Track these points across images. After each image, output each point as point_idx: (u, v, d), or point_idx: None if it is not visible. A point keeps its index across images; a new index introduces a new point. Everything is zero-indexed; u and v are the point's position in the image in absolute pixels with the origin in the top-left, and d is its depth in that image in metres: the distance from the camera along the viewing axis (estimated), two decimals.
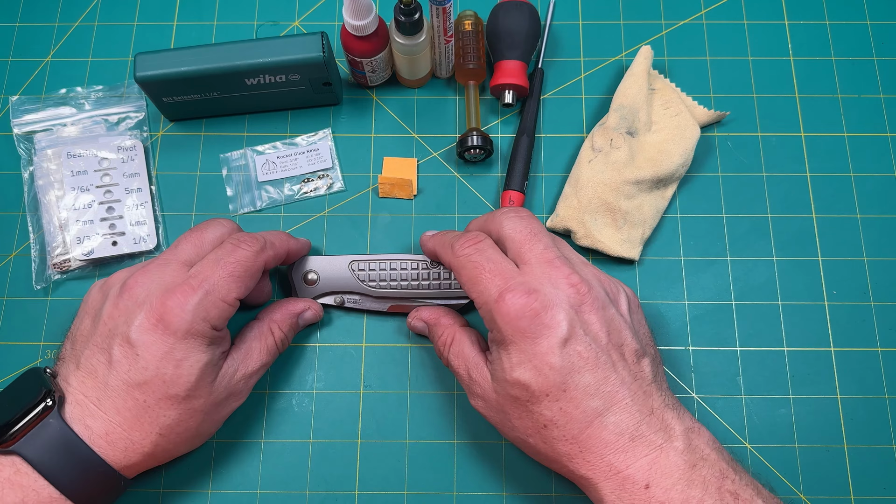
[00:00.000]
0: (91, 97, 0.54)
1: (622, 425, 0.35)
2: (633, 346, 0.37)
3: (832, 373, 0.47)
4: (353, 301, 0.48)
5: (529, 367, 0.35)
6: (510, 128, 0.53)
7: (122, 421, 0.36)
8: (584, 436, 0.35)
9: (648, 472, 0.34)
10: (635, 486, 0.34)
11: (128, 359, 0.36)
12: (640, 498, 0.34)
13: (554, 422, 0.36)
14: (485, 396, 0.39)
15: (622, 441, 0.35)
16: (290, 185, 0.52)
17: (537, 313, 0.35)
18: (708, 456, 0.35)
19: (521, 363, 0.36)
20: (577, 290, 0.37)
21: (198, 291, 0.37)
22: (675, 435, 0.35)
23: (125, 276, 0.40)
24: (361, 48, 0.49)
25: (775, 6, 0.56)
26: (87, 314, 0.40)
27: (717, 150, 0.53)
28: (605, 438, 0.35)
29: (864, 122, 0.53)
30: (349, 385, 0.48)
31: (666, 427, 0.36)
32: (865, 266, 0.50)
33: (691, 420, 0.37)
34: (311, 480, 0.46)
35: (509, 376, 0.36)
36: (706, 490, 0.34)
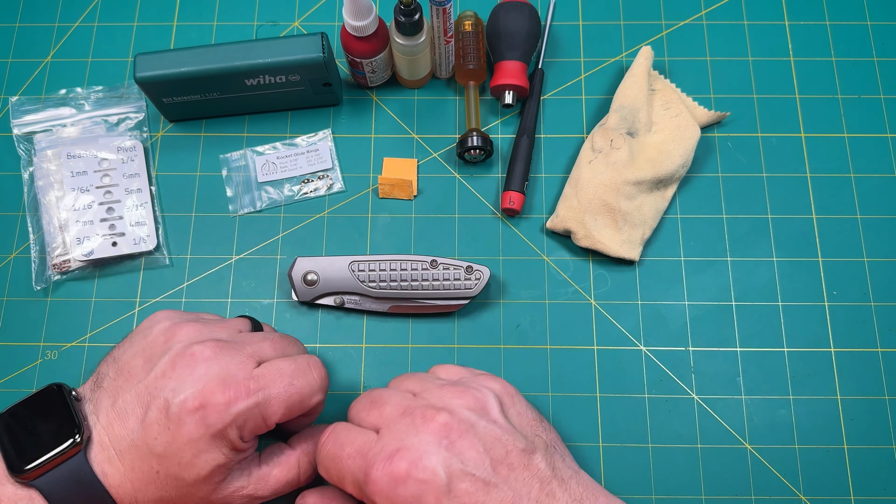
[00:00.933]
0: (91, 98, 0.54)
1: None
2: (517, 448, 0.35)
3: (832, 373, 0.47)
4: (353, 302, 0.48)
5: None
6: (510, 128, 0.53)
7: (134, 479, 0.35)
8: None
9: None
10: None
11: (160, 426, 0.35)
12: None
13: None
14: None
15: None
16: (290, 186, 0.52)
17: (408, 475, 0.32)
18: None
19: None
20: (440, 425, 0.34)
21: (250, 398, 0.36)
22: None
23: (195, 338, 0.38)
24: (361, 49, 0.49)
25: (776, 7, 0.56)
26: (143, 352, 0.38)
27: (718, 150, 0.53)
28: None
29: (865, 122, 0.53)
30: (349, 385, 0.48)
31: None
32: (865, 267, 0.50)
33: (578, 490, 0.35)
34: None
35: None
36: None
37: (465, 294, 0.47)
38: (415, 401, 0.36)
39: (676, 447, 0.46)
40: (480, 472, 0.33)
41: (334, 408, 0.47)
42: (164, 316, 0.40)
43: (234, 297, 0.50)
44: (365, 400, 0.38)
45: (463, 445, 0.34)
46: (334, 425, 0.38)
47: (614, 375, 0.48)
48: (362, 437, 0.35)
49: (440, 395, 0.37)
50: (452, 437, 0.34)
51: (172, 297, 0.50)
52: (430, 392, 0.37)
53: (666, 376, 0.47)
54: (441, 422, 0.34)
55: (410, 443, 0.34)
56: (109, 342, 0.49)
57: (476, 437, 0.34)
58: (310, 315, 0.49)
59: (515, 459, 0.34)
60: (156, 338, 0.38)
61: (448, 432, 0.34)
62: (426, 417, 0.35)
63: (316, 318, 0.49)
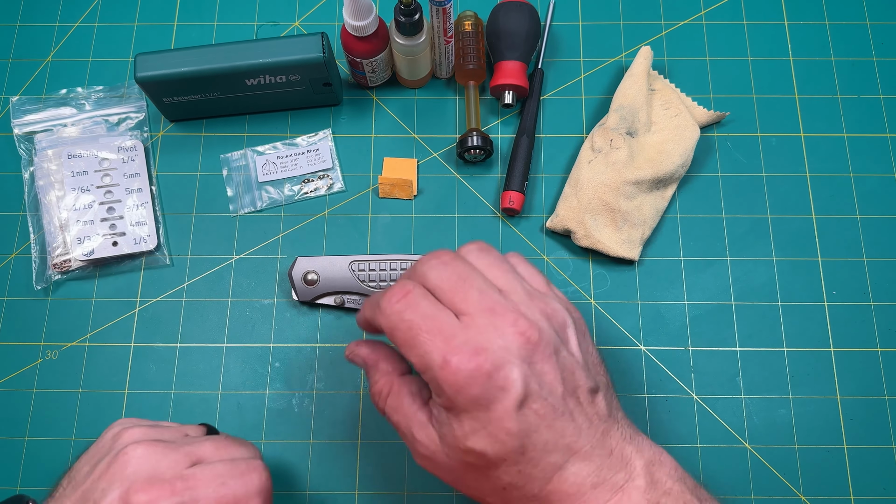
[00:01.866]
0: (91, 97, 0.54)
1: (582, 474, 0.33)
2: (586, 385, 0.35)
3: (832, 373, 0.47)
4: (354, 301, 0.48)
5: (484, 434, 0.32)
6: (510, 128, 0.53)
7: None
8: (545, 492, 0.33)
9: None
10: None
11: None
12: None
13: (513, 484, 0.33)
14: (433, 458, 0.35)
15: (584, 489, 0.33)
16: (290, 186, 0.52)
17: (488, 375, 0.32)
18: (671, 489, 0.34)
19: (474, 431, 0.32)
20: (528, 339, 0.33)
21: (173, 498, 0.34)
22: (637, 472, 0.34)
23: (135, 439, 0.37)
24: (361, 49, 0.49)
25: (775, 7, 0.56)
26: (90, 458, 0.38)
27: (717, 150, 0.53)
28: (566, 490, 0.33)
29: (864, 122, 0.53)
30: (349, 385, 0.48)
31: (626, 464, 0.34)
32: (865, 266, 0.50)
33: (651, 449, 0.35)
34: (311, 480, 0.46)
35: (462, 445, 0.33)
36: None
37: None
38: (503, 300, 0.34)
39: (676, 447, 0.46)
40: (552, 398, 0.33)
41: (336, 406, 0.47)
42: (119, 423, 0.39)
43: (234, 297, 0.50)
44: (446, 269, 0.35)
45: (545, 367, 0.33)
46: (411, 287, 0.34)
47: (614, 375, 0.47)
48: (446, 320, 0.33)
49: (530, 306, 0.35)
50: (537, 357, 0.33)
51: (172, 296, 0.50)
52: (519, 296, 0.35)
53: (666, 376, 0.48)
54: (532, 338, 0.33)
55: (498, 346, 0.32)
56: (109, 342, 0.49)
57: (556, 364, 0.34)
58: (310, 315, 0.49)
59: (582, 394, 0.34)
60: (104, 443, 0.38)
61: (535, 350, 0.33)
62: (517, 327, 0.33)
63: (316, 317, 0.49)
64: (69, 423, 0.47)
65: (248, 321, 0.49)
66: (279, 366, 0.48)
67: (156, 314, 0.50)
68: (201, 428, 0.41)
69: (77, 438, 0.47)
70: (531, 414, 0.32)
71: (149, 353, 0.49)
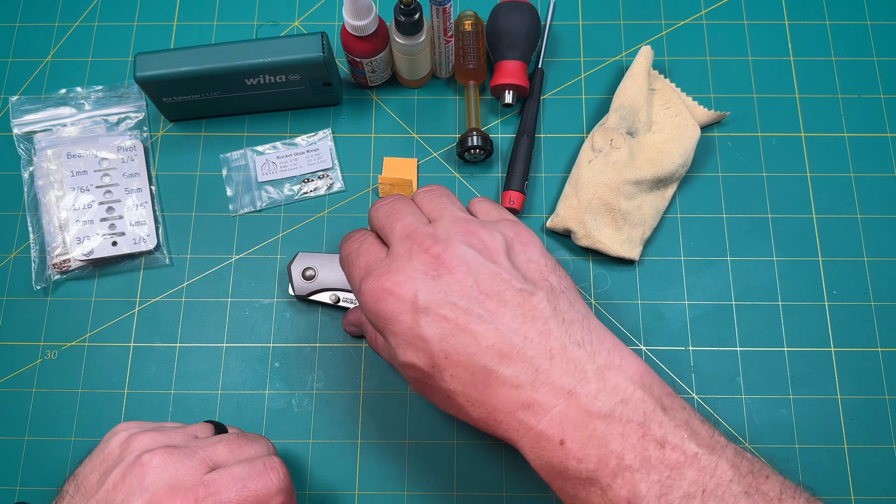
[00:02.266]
0: (91, 97, 0.54)
1: (520, 376, 0.32)
2: (515, 286, 0.34)
3: (832, 373, 0.47)
4: (349, 301, 0.48)
5: (406, 346, 0.34)
6: (510, 128, 0.53)
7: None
8: (485, 396, 0.33)
9: (560, 427, 0.31)
10: (550, 442, 0.31)
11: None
12: (558, 455, 0.31)
13: (453, 390, 0.34)
14: (405, 378, 0.38)
15: (525, 393, 0.32)
16: (290, 186, 0.52)
17: (390, 292, 0.34)
18: (629, 397, 0.31)
19: (398, 346, 0.34)
20: (432, 255, 0.35)
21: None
22: (587, 377, 0.32)
23: (148, 446, 0.37)
24: (361, 48, 0.49)
25: (775, 6, 0.56)
26: (99, 465, 0.37)
27: (717, 150, 0.53)
28: (506, 394, 0.32)
29: (865, 122, 0.53)
30: (349, 385, 0.48)
31: (576, 368, 0.32)
32: (865, 266, 0.50)
33: (609, 354, 0.33)
34: (311, 481, 0.46)
35: (398, 360, 0.35)
36: (625, 442, 0.30)
37: None
38: (424, 226, 0.37)
39: None
40: (464, 302, 0.34)
41: (336, 406, 0.47)
42: (122, 427, 0.39)
43: (233, 297, 0.50)
44: (386, 207, 0.39)
45: (450, 279, 0.34)
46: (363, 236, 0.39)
47: None
48: (375, 253, 0.37)
49: (447, 229, 0.36)
50: (441, 269, 0.34)
51: (172, 296, 0.50)
52: (443, 222, 0.37)
53: (666, 376, 0.47)
54: (434, 253, 0.35)
55: (401, 266, 0.35)
56: (109, 342, 0.49)
57: (468, 273, 0.34)
58: (310, 315, 0.49)
59: (510, 297, 0.34)
60: (112, 450, 0.38)
61: (438, 264, 0.35)
62: (423, 247, 0.35)
63: (316, 317, 0.49)
64: (69, 423, 0.47)
65: (248, 321, 0.49)
66: (279, 366, 0.48)
67: (155, 314, 0.50)
68: (208, 427, 0.41)
69: (77, 438, 0.47)
70: (440, 319, 0.33)
71: (148, 353, 0.49)
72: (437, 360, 0.34)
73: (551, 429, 0.31)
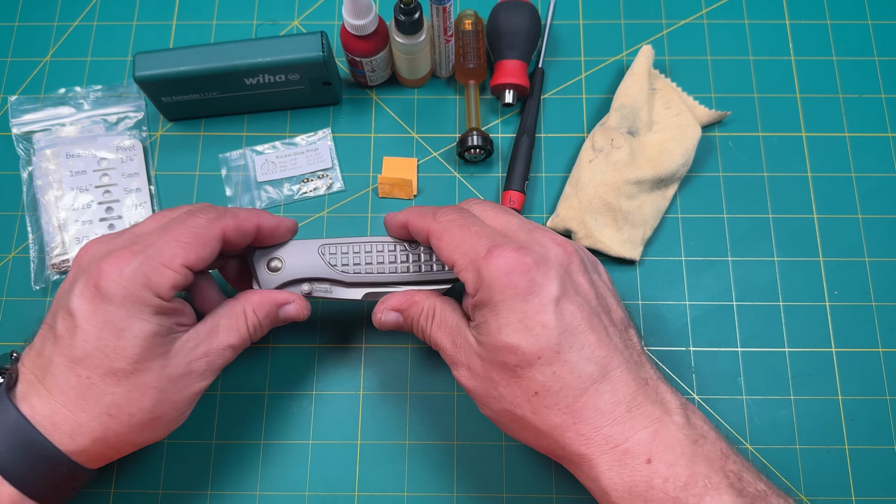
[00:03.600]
0: (90, 97, 0.54)
1: (619, 394, 0.32)
2: (619, 313, 0.36)
3: (833, 374, 0.47)
4: (323, 290, 0.42)
5: (520, 327, 0.32)
6: (510, 128, 0.53)
7: (66, 401, 0.33)
8: (578, 404, 0.32)
9: (650, 446, 0.31)
10: (636, 460, 0.31)
11: (69, 331, 0.34)
12: (642, 474, 0.31)
13: (546, 388, 0.33)
14: (469, 364, 0.36)
15: (619, 411, 0.32)
16: (289, 185, 0.52)
17: (529, 268, 0.33)
18: (707, 434, 0.33)
19: (510, 324, 0.33)
20: (565, 250, 0.35)
21: (137, 255, 0.34)
22: (673, 409, 0.33)
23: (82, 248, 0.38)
24: (361, 48, 0.48)
25: (776, 6, 0.56)
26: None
27: (718, 150, 0.52)
28: (602, 408, 0.32)
29: (866, 122, 0.53)
30: (349, 386, 0.48)
31: (662, 400, 0.33)
32: (867, 266, 0.50)
33: (683, 398, 0.35)
34: (310, 482, 0.46)
35: (497, 339, 0.33)
36: (711, 467, 0.31)
37: (447, 277, 0.42)
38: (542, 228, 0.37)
39: None
40: (589, 304, 0.34)
41: (335, 407, 0.47)
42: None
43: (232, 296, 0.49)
44: (487, 206, 0.39)
45: (580, 279, 0.35)
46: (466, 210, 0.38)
47: None
48: (493, 229, 0.36)
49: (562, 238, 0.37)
50: (573, 267, 0.35)
51: None
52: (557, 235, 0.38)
53: (667, 376, 0.47)
54: (569, 250, 0.35)
55: (537, 249, 0.34)
56: None
57: (590, 280, 0.35)
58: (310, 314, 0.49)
59: (616, 318, 0.35)
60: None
61: (570, 261, 0.35)
62: (555, 240, 0.35)
63: (316, 317, 0.49)
64: None
65: None
66: (279, 366, 0.48)
67: None
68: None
69: None
70: (567, 314, 0.33)
71: None
72: (548, 352, 0.32)
73: (639, 447, 0.32)
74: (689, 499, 0.30)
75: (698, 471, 0.31)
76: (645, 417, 0.32)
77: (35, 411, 0.34)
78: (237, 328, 0.39)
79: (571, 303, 0.33)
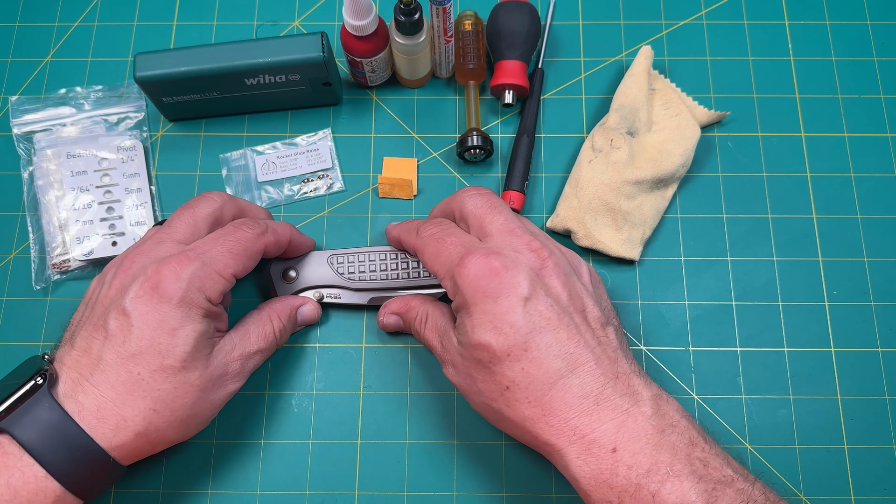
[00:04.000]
0: (91, 97, 0.54)
1: (587, 388, 0.35)
2: (595, 313, 0.37)
3: (832, 373, 0.47)
4: (333, 296, 0.48)
5: (490, 327, 0.35)
6: (510, 128, 0.53)
7: (114, 396, 0.35)
8: (547, 398, 0.35)
9: (615, 436, 0.34)
10: (601, 449, 0.34)
11: (123, 330, 0.36)
12: (607, 462, 0.33)
13: (516, 383, 0.35)
14: (454, 363, 0.39)
15: (587, 404, 0.34)
16: (289, 186, 0.52)
17: (497, 272, 0.35)
18: (677, 423, 0.35)
19: (481, 324, 0.35)
20: (538, 255, 0.37)
21: (194, 262, 0.37)
22: (643, 400, 0.35)
23: (120, 259, 0.40)
24: (361, 48, 0.49)
25: (776, 6, 0.56)
26: (84, 303, 0.41)
27: (718, 150, 0.53)
28: (569, 401, 0.34)
29: (865, 122, 0.53)
30: (349, 385, 0.48)
31: (633, 392, 0.35)
32: (866, 266, 0.50)
33: (659, 389, 0.37)
34: (310, 481, 0.46)
35: (471, 338, 0.36)
36: (675, 455, 0.33)
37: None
38: (524, 227, 0.39)
39: None
40: (558, 307, 0.36)
41: (336, 407, 0.47)
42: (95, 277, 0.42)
43: (233, 297, 0.50)
44: (481, 198, 0.40)
45: (552, 281, 0.37)
46: (447, 223, 0.41)
47: None
48: (467, 237, 0.39)
49: (545, 239, 0.39)
50: (546, 270, 0.37)
51: None
52: (538, 234, 0.40)
53: (666, 376, 0.47)
54: (543, 255, 0.37)
55: (508, 254, 0.37)
56: None
57: (565, 282, 0.37)
58: None
59: (591, 318, 0.37)
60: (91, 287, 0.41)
61: (543, 265, 0.37)
62: (531, 246, 0.37)
63: None
64: None
65: None
66: (279, 366, 0.48)
67: None
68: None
69: None
70: (535, 314, 0.35)
71: None
72: (516, 349, 0.35)
73: (605, 437, 0.34)
74: (650, 485, 0.32)
75: (661, 459, 0.33)
76: (612, 409, 0.34)
77: (82, 408, 0.35)
78: (265, 334, 0.43)
79: (540, 303, 0.35)
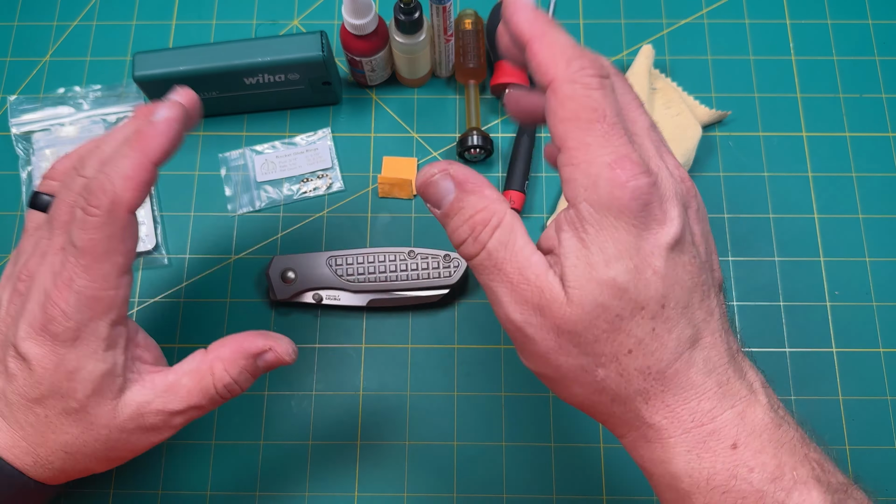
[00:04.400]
0: (89, 97, 0.54)
1: (710, 364, 0.27)
2: (719, 274, 0.30)
3: (834, 373, 0.47)
4: (332, 297, 0.47)
5: (629, 264, 0.26)
6: (510, 127, 0.53)
7: (25, 436, 0.33)
8: (670, 371, 0.27)
9: (736, 429, 0.27)
10: (720, 444, 0.27)
11: (22, 373, 0.32)
12: (725, 461, 0.27)
13: (642, 346, 0.27)
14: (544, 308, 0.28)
15: (709, 384, 0.27)
16: (289, 185, 0.52)
17: (650, 201, 0.26)
18: (786, 416, 0.28)
19: (619, 258, 0.26)
20: (689, 189, 0.29)
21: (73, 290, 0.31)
22: (757, 388, 0.28)
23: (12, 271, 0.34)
24: (361, 47, 0.48)
25: (777, 5, 0.56)
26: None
27: (719, 149, 0.52)
28: (693, 379, 0.27)
29: (866, 121, 0.53)
30: (348, 386, 0.48)
31: (745, 377, 0.28)
32: (867, 266, 0.50)
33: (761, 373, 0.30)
34: (310, 482, 0.45)
35: (601, 273, 0.26)
36: (794, 456, 0.27)
37: (444, 283, 0.47)
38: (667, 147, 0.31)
39: None
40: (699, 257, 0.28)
41: (335, 407, 0.47)
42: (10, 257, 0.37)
43: (233, 297, 0.50)
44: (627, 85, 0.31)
45: (696, 227, 0.29)
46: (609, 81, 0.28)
47: None
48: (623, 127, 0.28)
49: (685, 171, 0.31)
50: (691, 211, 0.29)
51: (171, 296, 0.50)
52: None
53: None
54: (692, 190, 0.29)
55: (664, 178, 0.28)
56: None
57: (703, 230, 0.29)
58: (309, 315, 0.49)
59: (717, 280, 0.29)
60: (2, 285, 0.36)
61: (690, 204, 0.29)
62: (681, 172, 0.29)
63: (316, 318, 0.49)
64: None
65: (247, 322, 0.49)
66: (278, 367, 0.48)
67: (154, 314, 0.49)
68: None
69: None
70: (679, 265, 0.27)
71: None
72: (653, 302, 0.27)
73: (726, 429, 0.27)
74: (776, 493, 0.26)
75: (785, 461, 0.27)
76: (733, 395, 0.27)
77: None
78: (201, 389, 0.34)
79: (686, 252, 0.27)
